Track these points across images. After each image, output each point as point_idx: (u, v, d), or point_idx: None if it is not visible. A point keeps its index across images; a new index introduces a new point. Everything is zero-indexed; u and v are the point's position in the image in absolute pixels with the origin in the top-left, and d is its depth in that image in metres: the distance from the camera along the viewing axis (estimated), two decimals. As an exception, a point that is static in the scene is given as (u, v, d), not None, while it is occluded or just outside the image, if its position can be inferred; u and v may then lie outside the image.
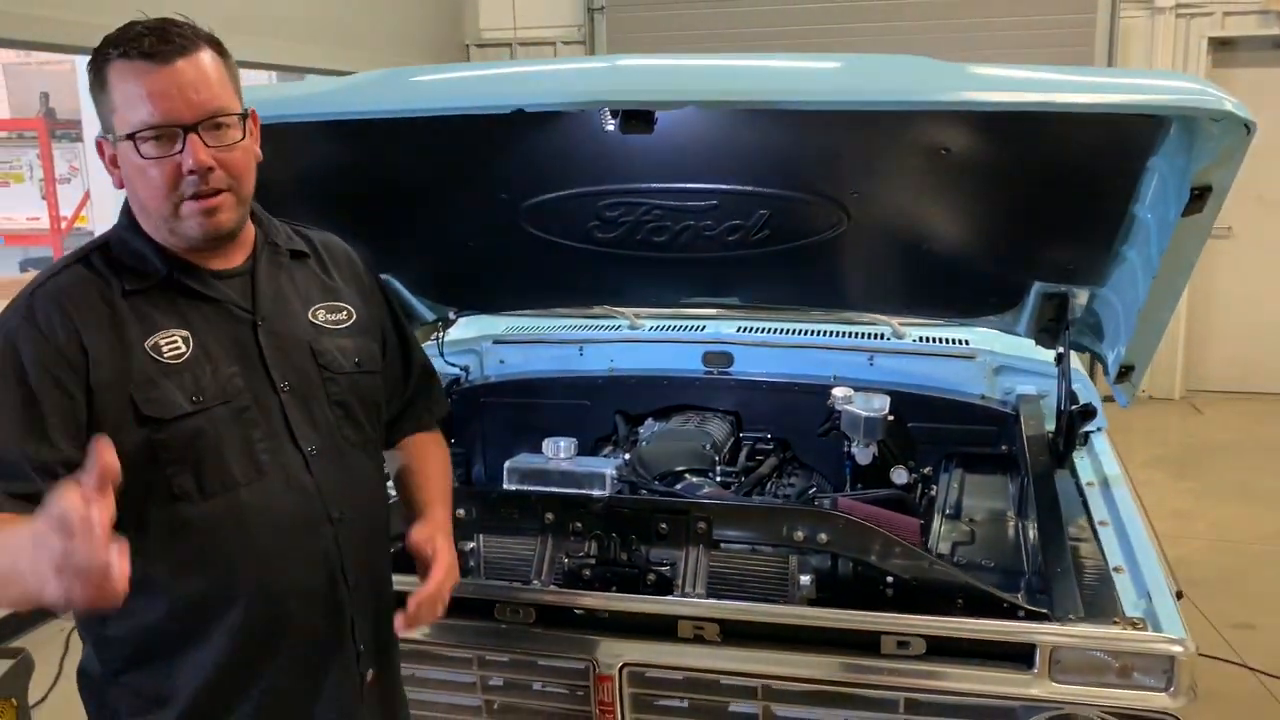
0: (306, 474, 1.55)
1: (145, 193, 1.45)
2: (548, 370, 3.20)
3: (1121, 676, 1.82)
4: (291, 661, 1.55)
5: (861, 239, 2.45)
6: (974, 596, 1.98)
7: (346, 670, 1.62)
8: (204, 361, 1.48)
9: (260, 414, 1.52)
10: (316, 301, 1.65)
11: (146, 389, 1.43)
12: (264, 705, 1.54)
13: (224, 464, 1.47)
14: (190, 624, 1.49)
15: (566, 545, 2.18)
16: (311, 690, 1.58)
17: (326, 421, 1.59)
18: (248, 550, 1.49)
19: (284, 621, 1.53)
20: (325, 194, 2.49)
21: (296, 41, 5.68)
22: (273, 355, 1.55)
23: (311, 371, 1.59)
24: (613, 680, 1.99)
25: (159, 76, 1.39)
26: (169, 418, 1.43)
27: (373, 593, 1.67)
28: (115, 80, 1.40)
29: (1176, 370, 7.25)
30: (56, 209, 7.36)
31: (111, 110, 1.42)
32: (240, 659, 1.51)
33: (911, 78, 1.82)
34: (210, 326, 1.51)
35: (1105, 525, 2.28)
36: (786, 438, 3.01)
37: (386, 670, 1.73)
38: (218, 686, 1.50)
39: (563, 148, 2.25)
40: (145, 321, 1.46)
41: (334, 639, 1.60)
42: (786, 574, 2.13)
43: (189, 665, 1.49)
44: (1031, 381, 2.88)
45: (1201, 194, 1.79)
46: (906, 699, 1.90)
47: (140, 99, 1.39)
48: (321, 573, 1.57)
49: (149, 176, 1.42)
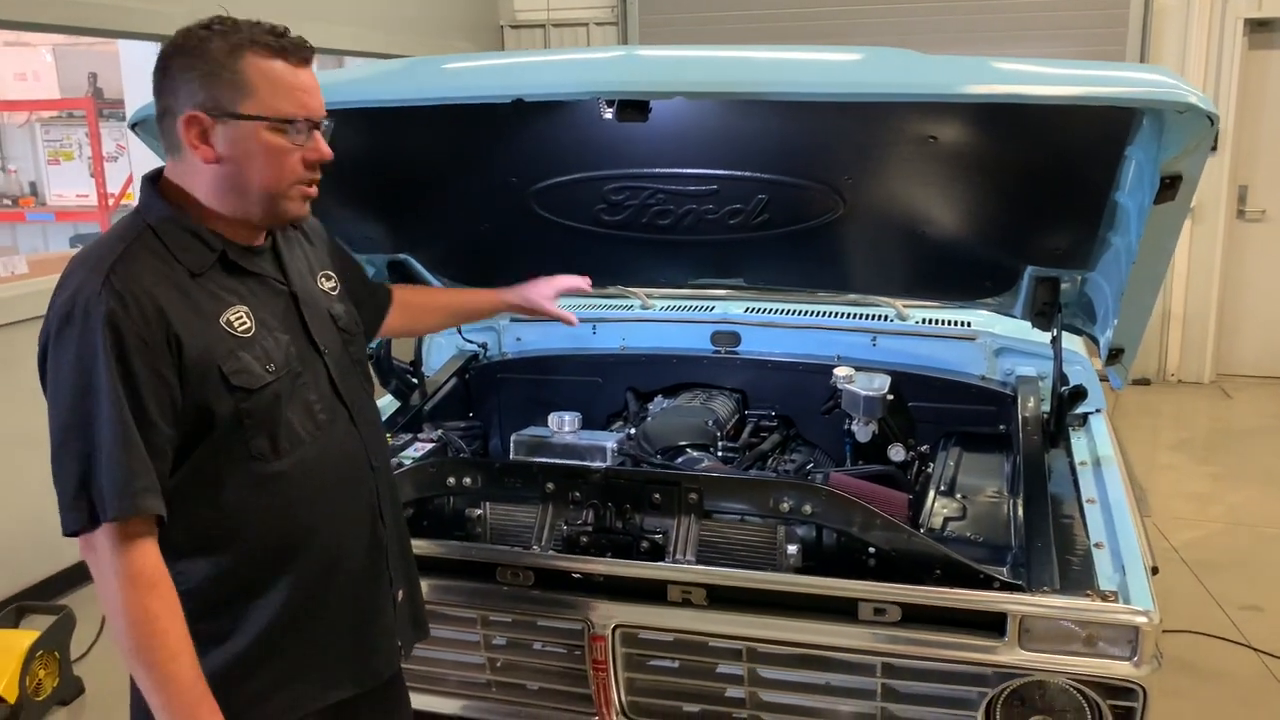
0: (353, 427, 1.73)
1: (264, 173, 1.55)
2: (562, 348, 3.30)
3: (1088, 646, 1.90)
4: (343, 596, 1.71)
5: (857, 223, 2.53)
6: (951, 568, 2.05)
7: (385, 594, 1.80)
8: (266, 333, 1.60)
9: (311, 378, 1.67)
10: (317, 272, 1.80)
11: (231, 362, 1.53)
12: (319, 636, 1.68)
13: (291, 426, 1.61)
14: (260, 572, 1.61)
15: (566, 513, 2.29)
16: (360, 615, 1.74)
17: (354, 378, 1.78)
18: (313, 501, 1.64)
19: (340, 562, 1.69)
20: (346, 179, 2.60)
21: (336, 25, 5.81)
22: (313, 322, 1.70)
23: (334, 335, 1.75)
24: (606, 640, 2.11)
25: (305, 75, 1.57)
26: (255, 388, 1.55)
27: (398, 525, 1.86)
28: (254, 70, 1.51)
29: (1207, 354, 7.20)
30: (104, 186, 7.57)
31: (247, 93, 1.51)
32: (301, 599, 1.64)
33: (892, 71, 1.90)
34: (260, 300, 1.62)
35: (1093, 503, 2.35)
36: (790, 415, 3.10)
37: (410, 588, 1.90)
38: (281, 625, 1.63)
39: (566, 135, 2.35)
40: (215, 299, 1.56)
41: (376, 571, 1.77)
42: (774, 543, 2.22)
43: (255, 610, 1.61)
44: (1032, 363, 2.94)
45: (1172, 182, 1.85)
46: (883, 663, 2.00)
47: (292, 90, 1.54)
48: (367, 515, 1.75)
49: (279, 160, 1.55)
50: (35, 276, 4.72)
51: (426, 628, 1.96)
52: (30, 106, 7.98)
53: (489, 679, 2.27)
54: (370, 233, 2.85)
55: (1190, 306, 7.16)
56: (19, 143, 8.34)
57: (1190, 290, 7.14)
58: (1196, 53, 6.79)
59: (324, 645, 1.69)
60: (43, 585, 4.03)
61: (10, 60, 7.83)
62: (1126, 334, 2.39)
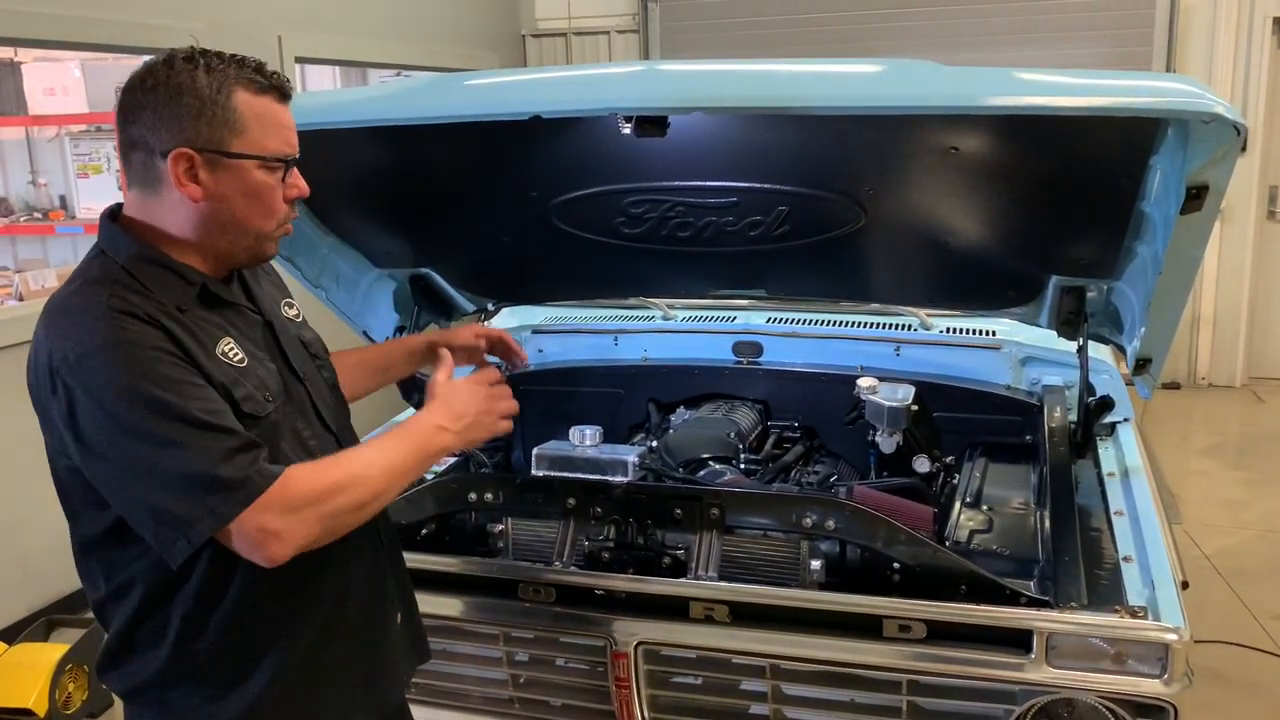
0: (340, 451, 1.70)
1: (252, 212, 1.53)
2: (584, 359, 3.30)
3: (1117, 663, 1.87)
4: (352, 624, 1.69)
5: (879, 234, 2.51)
6: (977, 583, 2.03)
7: (389, 618, 1.79)
8: (257, 363, 1.58)
9: (298, 405, 1.65)
10: (279, 299, 1.78)
11: (238, 389, 1.50)
12: (334, 668, 1.67)
13: (287, 456, 1.56)
14: (273, 609, 1.57)
15: (587, 529, 2.28)
16: (369, 643, 1.73)
17: (332, 403, 1.76)
18: None
19: (349, 589, 1.67)
20: (370, 194, 2.63)
21: (359, 37, 5.85)
22: (289, 349, 1.68)
23: (308, 361, 1.74)
24: (628, 657, 2.09)
25: (287, 113, 1.55)
26: (262, 415, 1.53)
27: (391, 546, 1.84)
28: (245, 104, 1.49)
29: (1238, 358, 7.11)
30: (132, 199, 7.64)
31: (235, 131, 1.48)
32: (317, 632, 1.62)
33: (913, 83, 1.88)
34: (242, 330, 1.60)
35: (1121, 515, 2.32)
36: (813, 426, 3.08)
37: (408, 611, 1.88)
38: (299, 661, 1.60)
39: (585, 149, 2.35)
40: (206, 332, 1.52)
41: (378, 595, 1.76)
42: (797, 559, 2.20)
43: (272, 648, 1.57)
44: (1058, 373, 2.90)
45: (1199, 193, 1.82)
46: (909, 680, 1.98)
47: (279, 129, 1.53)
48: (368, 539, 1.72)
49: (269, 198, 1.54)
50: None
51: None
52: (60, 121, 8.07)
53: (511, 695, 2.27)
54: (392, 248, 2.86)
55: (1220, 308, 7.08)
56: (49, 156, 8.43)
57: (1220, 292, 7.05)
58: (1224, 53, 6.72)
59: (339, 677, 1.68)
60: (71, 599, 4.07)
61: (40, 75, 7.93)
62: (1154, 343, 2.36)
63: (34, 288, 5.87)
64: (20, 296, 5.85)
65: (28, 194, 7.82)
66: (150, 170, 1.49)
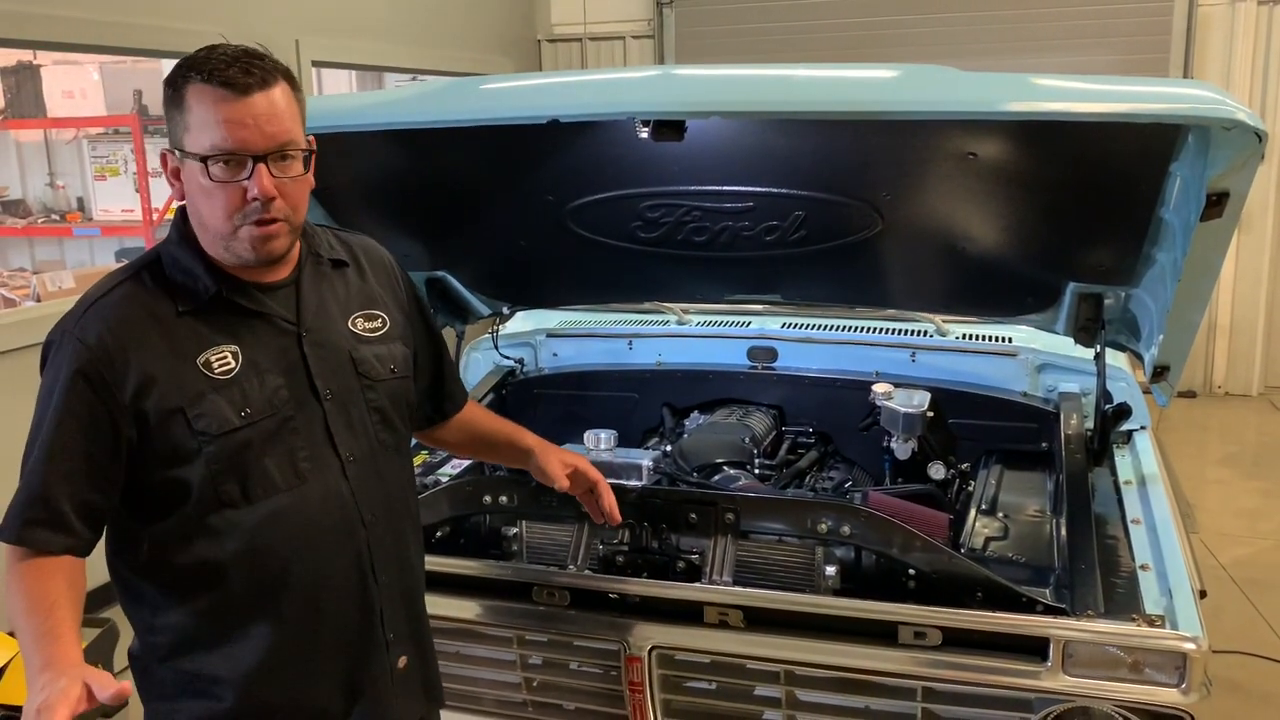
0: (343, 480, 1.64)
1: (207, 211, 1.51)
2: (598, 363, 3.30)
3: (1134, 672, 1.86)
4: (327, 653, 1.64)
5: (896, 239, 2.50)
6: (993, 590, 2.03)
7: (379, 658, 1.70)
8: (252, 375, 1.55)
9: (303, 423, 1.59)
10: (355, 310, 1.72)
11: (197, 404, 1.50)
12: (304, 692, 1.63)
13: (267, 473, 1.55)
14: (233, 618, 1.57)
15: (602, 533, 2.28)
16: (347, 678, 1.67)
17: (365, 427, 1.68)
18: (288, 551, 1.58)
19: (320, 617, 1.62)
20: (387, 197, 2.64)
21: (375, 41, 5.87)
22: (317, 365, 1.62)
23: (351, 380, 1.66)
24: (642, 661, 2.09)
25: (237, 106, 1.45)
26: (217, 433, 1.50)
27: (402, 585, 1.75)
28: (193, 102, 1.46)
29: (1255, 366, 7.06)
30: (149, 202, 7.68)
31: (185, 129, 1.47)
32: (280, 652, 1.59)
33: (930, 89, 1.88)
34: (258, 340, 1.58)
35: (1138, 524, 2.31)
36: (828, 432, 3.07)
37: (418, 656, 1.80)
38: (259, 677, 1.59)
39: (602, 153, 2.35)
40: (197, 338, 1.52)
41: (366, 631, 1.68)
42: (812, 564, 2.20)
43: (231, 656, 1.57)
44: (1075, 380, 2.89)
45: (1219, 200, 1.81)
46: (924, 687, 1.97)
47: (216, 124, 1.45)
48: (354, 572, 1.65)
49: (214, 198, 1.48)
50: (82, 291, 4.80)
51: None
52: (78, 123, 8.12)
53: (525, 698, 2.26)
54: (409, 250, 2.86)
55: (1237, 317, 7.03)
56: (67, 159, 8.49)
57: (1237, 300, 7.01)
58: (1242, 58, 6.68)
59: (313, 704, 1.64)
60: (87, 598, 4.07)
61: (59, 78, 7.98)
62: (1172, 351, 2.34)
63: (51, 289, 5.90)
64: (38, 297, 5.89)
65: (46, 196, 7.88)
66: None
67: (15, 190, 7.81)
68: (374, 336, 1.72)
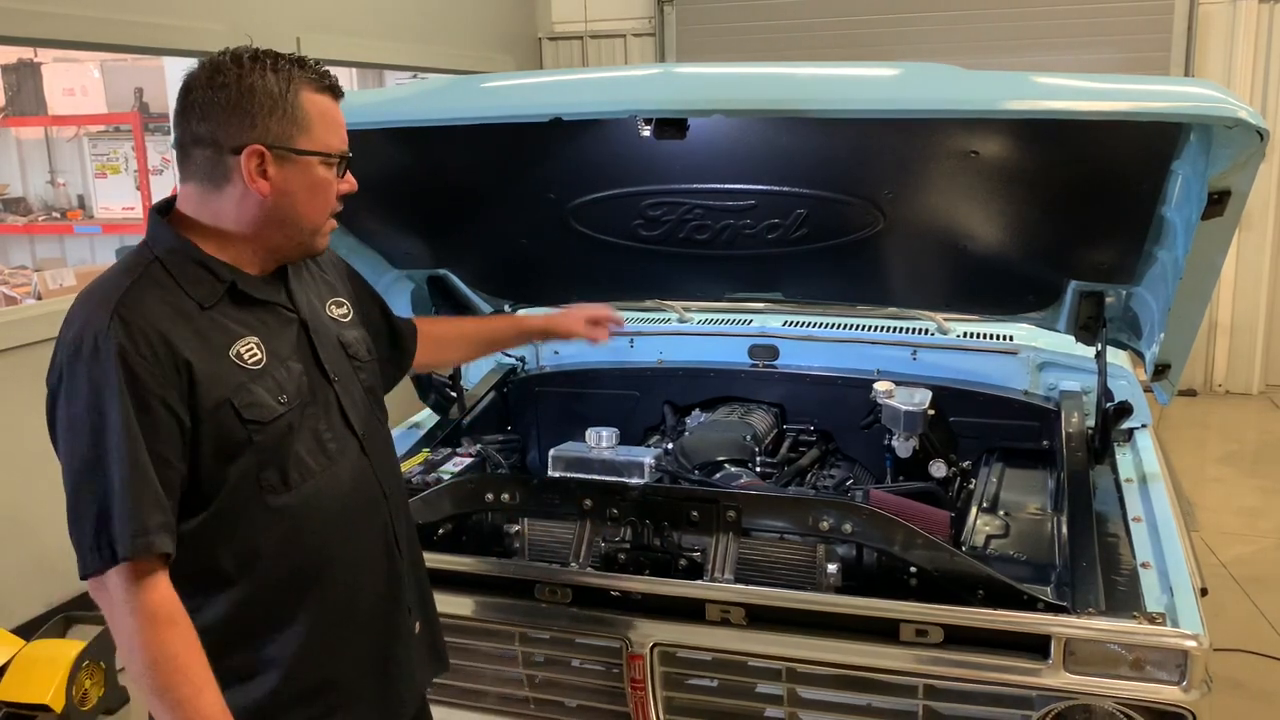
0: (363, 456, 1.70)
1: (309, 208, 1.58)
2: (599, 361, 3.30)
3: (1135, 669, 1.87)
4: (364, 629, 1.69)
5: (898, 238, 2.51)
6: (994, 588, 2.03)
7: (405, 625, 1.77)
8: (277, 364, 1.58)
9: (323, 406, 1.65)
10: (327, 298, 1.78)
11: (242, 395, 1.51)
12: (343, 673, 1.66)
13: (301, 458, 1.58)
14: (278, 607, 1.58)
15: (603, 530, 2.28)
16: (382, 649, 1.73)
17: (365, 406, 1.75)
18: (326, 533, 1.62)
19: (358, 591, 1.67)
20: (388, 196, 2.64)
21: (376, 39, 5.87)
22: (323, 350, 1.67)
23: (344, 362, 1.73)
24: (644, 659, 2.10)
25: (341, 112, 1.61)
26: (268, 420, 1.53)
27: (412, 555, 1.84)
28: (310, 102, 1.55)
29: (1255, 365, 7.06)
30: (150, 199, 7.68)
31: (299, 129, 1.53)
32: (324, 630, 1.62)
33: (932, 87, 1.88)
34: (271, 330, 1.60)
35: (1139, 521, 2.31)
36: (829, 430, 3.08)
37: (425, 621, 1.87)
38: (300, 660, 1.60)
39: (604, 152, 2.35)
40: (223, 332, 1.53)
41: (393, 601, 1.75)
42: (814, 562, 2.20)
43: (276, 646, 1.59)
44: (1076, 378, 2.90)
45: (1221, 198, 1.82)
46: (925, 685, 1.97)
47: (338, 127, 1.59)
48: (381, 543, 1.72)
49: (325, 194, 1.59)
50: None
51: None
52: (78, 121, 8.12)
53: (527, 695, 2.27)
54: (411, 248, 2.87)
55: (1238, 316, 7.03)
56: (68, 156, 8.49)
57: (1238, 299, 7.01)
58: (1243, 56, 6.68)
59: (349, 681, 1.67)
60: (88, 595, 4.07)
61: (60, 76, 7.98)
62: (1173, 349, 2.35)
63: (52, 287, 5.91)
64: (39, 295, 5.89)
65: (46, 193, 7.88)
66: (217, 166, 1.53)
67: (16, 188, 7.81)
68: (346, 322, 1.79)
